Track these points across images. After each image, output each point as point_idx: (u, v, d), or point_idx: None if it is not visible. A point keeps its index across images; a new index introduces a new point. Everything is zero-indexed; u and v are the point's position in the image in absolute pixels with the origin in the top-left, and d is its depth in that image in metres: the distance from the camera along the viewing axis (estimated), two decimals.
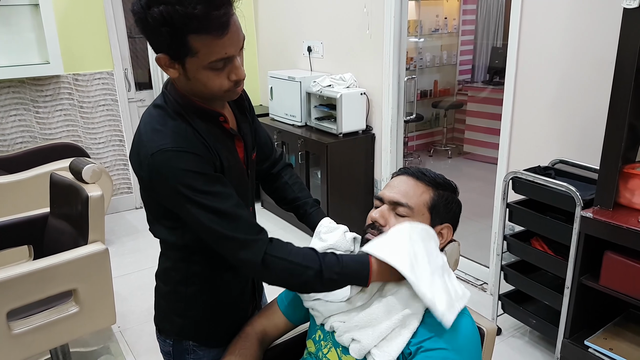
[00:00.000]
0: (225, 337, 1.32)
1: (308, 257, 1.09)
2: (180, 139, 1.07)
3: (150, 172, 1.06)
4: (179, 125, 1.09)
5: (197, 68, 1.03)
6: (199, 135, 1.10)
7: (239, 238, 1.06)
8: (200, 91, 1.09)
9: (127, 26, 4.19)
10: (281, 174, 1.47)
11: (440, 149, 6.26)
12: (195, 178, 1.04)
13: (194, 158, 1.05)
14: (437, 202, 1.19)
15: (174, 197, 1.06)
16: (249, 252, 1.06)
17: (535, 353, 2.48)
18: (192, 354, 1.32)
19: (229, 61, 1.04)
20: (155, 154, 1.04)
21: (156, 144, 1.05)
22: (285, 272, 1.08)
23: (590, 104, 2.34)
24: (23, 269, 1.87)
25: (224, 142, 1.17)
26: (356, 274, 1.10)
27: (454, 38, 6.25)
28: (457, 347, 1.04)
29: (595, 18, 2.25)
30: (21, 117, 3.83)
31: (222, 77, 1.06)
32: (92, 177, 2.19)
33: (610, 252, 1.92)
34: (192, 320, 1.29)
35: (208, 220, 1.05)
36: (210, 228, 1.06)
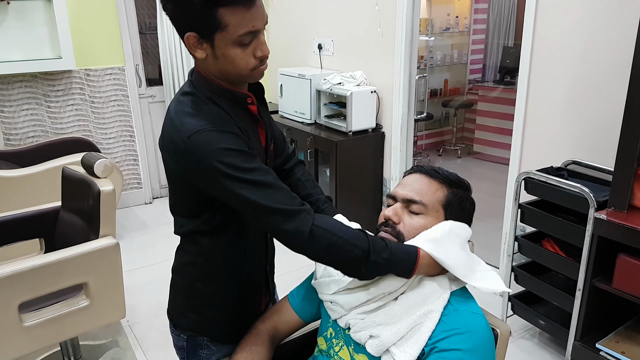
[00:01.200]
0: (239, 332, 1.32)
1: (357, 235, 1.08)
2: (215, 120, 1.08)
3: (187, 155, 1.06)
4: (211, 108, 1.11)
5: (225, 44, 1.05)
6: (231, 117, 1.12)
7: (285, 209, 1.05)
8: (227, 70, 1.11)
9: (138, 22, 4.21)
10: (294, 170, 1.46)
11: (449, 148, 6.23)
12: (235, 155, 1.05)
13: (231, 136, 1.07)
14: (451, 199, 1.18)
15: (214, 177, 1.05)
16: (295, 222, 1.05)
17: (545, 355, 2.47)
18: (205, 348, 1.33)
19: (255, 35, 1.07)
20: (192, 136, 1.05)
21: (192, 126, 1.06)
22: (332, 246, 1.06)
23: (604, 104, 2.32)
24: (34, 262, 1.89)
25: (250, 125, 1.19)
26: (402, 263, 1.08)
27: (465, 37, 6.21)
28: (471, 348, 1.03)
29: (611, 18, 2.23)
30: (33, 112, 3.85)
31: (249, 54, 1.08)
32: (104, 171, 2.20)
33: (623, 254, 1.90)
34: (208, 318, 1.30)
35: (252, 194, 1.05)
36: (254, 202, 1.05)
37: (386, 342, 1.08)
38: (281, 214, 1.05)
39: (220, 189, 1.07)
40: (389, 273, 1.10)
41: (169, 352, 2.53)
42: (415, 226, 1.15)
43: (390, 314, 1.11)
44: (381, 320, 1.11)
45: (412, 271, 1.09)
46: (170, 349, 2.66)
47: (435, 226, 1.14)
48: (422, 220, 1.15)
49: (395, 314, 1.10)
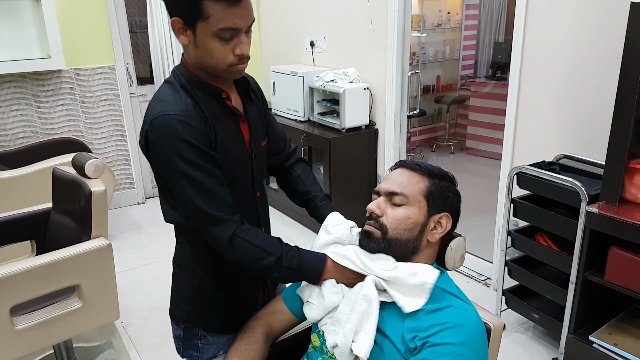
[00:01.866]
0: (235, 325, 1.34)
1: (272, 244, 1.18)
2: (179, 107, 1.13)
3: (148, 138, 1.14)
4: (182, 97, 1.16)
5: (206, 34, 1.10)
6: (199, 109, 1.16)
7: (212, 214, 1.13)
8: (205, 62, 1.15)
9: (128, 20, 4.18)
10: (294, 167, 1.50)
11: (442, 144, 6.24)
12: (186, 148, 1.10)
13: (189, 128, 1.11)
14: (432, 190, 1.20)
15: (166, 162, 1.13)
16: (218, 229, 1.14)
17: (539, 348, 2.48)
18: (202, 339, 1.36)
19: (235, 34, 1.11)
20: (155, 120, 1.12)
21: (157, 111, 1.13)
22: (248, 254, 1.15)
23: (595, 98, 2.33)
24: (26, 264, 1.87)
25: (225, 120, 1.22)
26: (312, 269, 1.20)
27: (457, 33, 6.22)
28: (464, 342, 1.03)
29: (601, 12, 2.24)
30: (23, 112, 3.82)
31: (228, 50, 1.12)
32: (95, 172, 2.18)
33: (615, 247, 1.91)
34: (200, 309, 1.33)
35: (188, 191, 1.12)
36: (189, 199, 1.13)
37: (345, 346, 1.11)
38: (209, 218, 1.14)
39: (170, 176, 1.14)
40: (302, 278, 1.22)
41: (164, 352, 2.53)
42: (397, 217, 1.17)
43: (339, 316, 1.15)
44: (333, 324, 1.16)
45: (320, 275, 1.20)
46: (165, 349, 2.66)
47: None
48: (405, 211, 1.17)
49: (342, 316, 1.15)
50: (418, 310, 1.10)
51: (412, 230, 1.17)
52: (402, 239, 1.17)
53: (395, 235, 1.16)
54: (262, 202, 1.38)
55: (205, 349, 1.36)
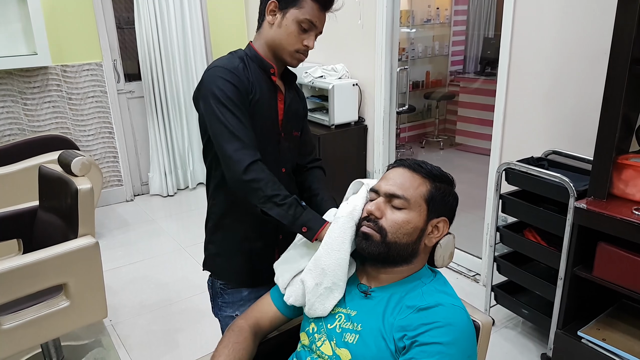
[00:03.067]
0: (247, 279, 1.52)
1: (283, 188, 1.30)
2: (230, 64, 1.35)
3: (201, 80, 1.35)
4: (236, 60, 1.38)
5: (292, 20, 1.35)
6: (248, 71, 1.37)
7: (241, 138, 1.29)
8: (278, 40, 1.38)
9: (115, 16, 4.14)
10: (314, 170, 1.67)
11: (432, 140, 6.25)
12: (228, 89, 1.30)
13: (233, 75, 1.32)
14: (434, 194, 1.18)
15: (206, 94, 1.31)
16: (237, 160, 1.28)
17: (528, 344, 2.49)
18: (220, 297, 1.55)
19: (312, 29, 1.37)
20: (208, 70, 1.35)
21: (214, 64, 1.36)
22: (260, 188, 1.27)
23: (583, 94, 2.34)
24: (12, 263, 1.85)
25: (266, 91, 1.41)
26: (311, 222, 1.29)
27: (446, 28, 6.23)
28: (452, 342, 1.03)
29: (589, 8, 2.24)
30: (9, 109, 3.77)
31: (300, 39, 1.37)
32: (81, 169, 2.16)
33: (603, 243, 1.92)
34: (211, 254, 1.55)
35: (225, 118, 1.29)
36: (224, 124, 1.29)
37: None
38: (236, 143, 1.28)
39: (209, 113, 1.31)
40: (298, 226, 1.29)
41: (153, 350, 2.52)
42: (397, 221, 1.15)
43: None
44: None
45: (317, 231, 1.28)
46: (153, 347, 2.65)
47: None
48: (405, 215, 1.15)
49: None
50: (407, 307, 1.10)
51: (412, 235, 1.15)
52: (402, 242, 1.15)
53: (394, 239, 1.14)
54: (287, 179, 1.52)
55: (224, 308, 1.55)
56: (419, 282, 1.18)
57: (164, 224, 3.97)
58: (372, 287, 1.20)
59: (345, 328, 1.16)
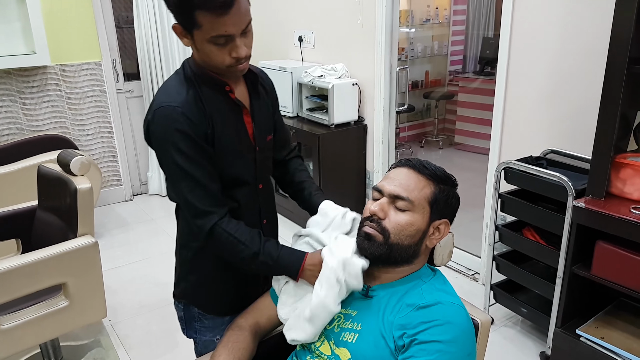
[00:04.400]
0: (231, 307, 1.40)
1: (252, 238, 1.22)
2: (180, 99, 1.19)
3: (149, 127, 1.20)
4: (185, 88, 1.22)
5: (202, 40, 1.15)
6: (200, 101, 1.21)
7: (196, 205, 1.19)
8: (207, 62, 1.20)
9: (114, 15, 4.13)
10: (293, 160, 1.56)
11: (431, 139, 6.26)
12: (181, 139, 1.16)
13: (186, 120, 1.17)
14: (438, 197, 1.17)
15: (162, 151, 1.19)
16: (201, 220, 1.20)
17: (527, 342, 2.50)
18: (198, 321, 1.42)
19: (230, 39, 1.14)
20: (157, 110, 1.18)
21: (159, 101, 1.20)
22: (227, 245, 1.21)
23: (582, 93, 2.34)
24: (11, 263, 1.85)
25: (227, 112, 1.26)
26: (289, 266, 1.24)
27: (445, 28, 6.23)
28: (451, 340, 1.03)
29: (588, 8, 2.25)
30: (7, 109, 3.77)
31: (224, 53, 1.16)
32: (80, 169, 2.16)
33: (602, 241, 1.93)
34: (192, 285, 1.40)
35: (178, 180, 1.19)
36: (178, 189, 1.20)
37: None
38: (194, 209, 1.20)
39: (163, 163, 1.21)
40: (280, 273, 1.28)
41: (152, 350, 2.52)
42: (401, 223, 1.14)
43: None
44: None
45: (297, 273, 1.24)
46: (153, 347, 2.65)
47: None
48: (408, 216, 1.14)
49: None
50: (407, 305, 1.10)
51: (414, 237, 1.15)
52: (404, 244, 1.14)
53: (397, 240, 1.14)
54: (264, 194, 1.42)
55: (202, 332, 1.43)
56: (419, 280, 1.18)
57: (163, 223, 3.96)
58: (372, 286, 1.20)
59: (344, 327, 1.16)
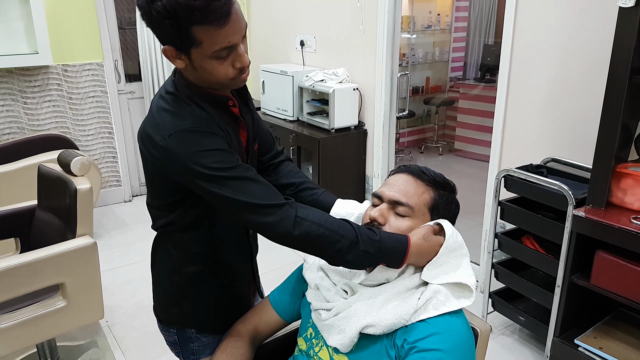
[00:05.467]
0: (227, 324, 1.33)
1: (343, 226, 1.07)
2: (197, 120, 1.09)
3: (166, 154, 1.06)
4: (193, 109, 1.11)
5: (202, 58, 1.05)
6: (212, 119, 1.12)
7: (267, 203, 1.06)
8: (207, 80, 1.11)
9: (117, 17, 4.14)
10: (284, 163, 1.48)
11: (431, 145, 6.26)
12: (217, 155, 1.06)
13: (212, 137, 1.08)
14: (437, 202, 1.17)
15: (190, 178, 1.07)
16: (278, 216, 1.05)
17: (525, 351, 2.49)
18: (196, 341, 1.34)
19: (232, 49, 1.06)
20: (173, 135, 1.05)
21: (173, 125, 1.07)
22: (319, 238, 1.06)
23: (583, 102, 2.34)
24: (9, 262, 1.84)
25: (233, 127, 1.20)
26: (393, 252, 1.08)
27: (447, 35, 6.24)
28: (451, 348, 1.02)
29: (589, 17, 2.25)
30: (9, 108, 3.77)
31: (227, 66, 1.08)
32: (80, 169, 2.15)
33: (601, 251, 1.93)
34: (189, 309, 1.31)
35: (231, 192, 1.05)
36: (236, 200, 1.05)
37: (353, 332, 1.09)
38: (263, 208, 1.06)
39: (199, 189, 1.08)
40: (381, 262, 1.10)
41: (149, 352, 2.51)
42: (401, 228, 1.14)
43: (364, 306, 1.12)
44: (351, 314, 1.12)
45: (403, 258, 1.09)
46: (149, 348, 2.64)
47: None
48: (408, 222, 1.15)
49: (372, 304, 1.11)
50: None
51: None
52: None
53: None
54: None
55: (201, 351, 1.35)
56: None
57: None
58: None
59: None
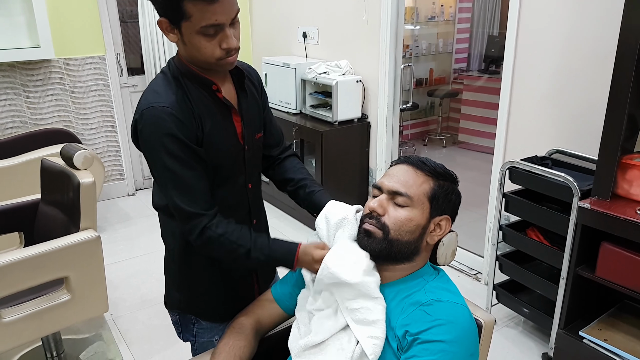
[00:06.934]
0: (227, 313, 1.36)
1: (243, 236, 1.19)
2: (169, 99, 1.15)
3: (136, 127, 1.17)
4: (172, 88, 1.18)
5: (190, 32, 1.11)
6: (188, 101, 1.18)
7: (185, 209, 1.16)
8: (195, 57, 1.17)
9: (119, 10, 4.13)
10: (289, 158, 1.51)
11: (435, 138, 6.24)
12: (171, 140, 1.13)
13: (176, 120, 1.14)
14: (437, 192, 1.17)
15: (152, 153, 1.16)
16: (191, 223, 1.17)
17: (529, 343, 2.49)
18: (196, 323, 1.40)
19: (219, 29, 1.11)
20: (145, 110, 1.14)
21: (148, 102, 1.15)
22: (219, 246, 1.18)
23: (588, 93, 2.32)
24: (13, 256, 1.84)
25: (215, 112, 1.23)
26: (283, 259, 1.21)
27: (450, 26, 6.20)
28: (454, 340, 1.02)
29: (594, 8, 2.23)
30: (11, 102, 3.77)
31: (214, 45, 1.13)
32: (83, 163, 2.15)
33: (606, 243, 1.92)
34: (190, 297, 1.37)
35: (167, 182, 1.16)
36: (167, 191, 1.17)
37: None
38: (183, 212, 1.16)
39: (153, 165, 1.18)
40: (275, 266, 1.27)
41: (153, 345, 2.52)
42: (400, 218, 1.13)
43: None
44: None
45: (292, 264, 1.21)
46: (154, 341, 2.65)
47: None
48: (408, 212, 1.14)
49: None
50: (410, 305, 1.09)
51: (414, 232, 1.14)
52: (404, 240, 1.13)
53: (397, 236, 1.13)
54: (254, 194, 1.38)
55: (200, 333, 1.40)
56: (421, 279, 1.17)
57: None
58: None
59: None
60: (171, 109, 1.13)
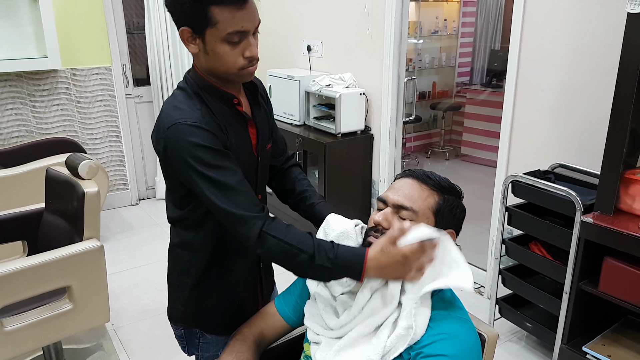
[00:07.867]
0: (232, 325, 1.35)
1: (304, 240, 1.12)
2: (195, 115, 1.14)
3: (166, 145, 1.14)
4: (195, 103, 1.17)
5: (215, 40, 1.11)
6: (212, 114, 1.17)
7: (237, 213, 1.11)
8: (216, 67, 1.16)
9: (126, 21, 4.17)
10: (291, 169, 1.51)
11: (437, 150, 6.25)
12: (204, 151, 1.10)
13: (205, 133, 1.12)
14: (442, 206, 1.17)
15: (184, 168, 1.12)
16: (246, 227, 1.12)
17: (532, 358, 2.47)
18: (201, 337, 1.38)
19: (244, 36, 1.12)
20: (171, 127, 1.12)
21: (172, 118, 1.13)
22: (279, 252, 1.12)
23: (591, 108, 2.33)
24: (17, 265, 1.85)
25: (236, 125, 1.23)
26: (350, 266, 1.10)
27: (453, 40, 6.24)
28: (458, 354, 1.02)
29: (597, 22, 2.24)
30: (18, 111, 3.79)
31: (237, 53, 1.13)
32: (88, 173, 2.16)
33: (610, 258, 1.91)
34: (194, 311, 1.34)
35: (211, 193, 1.11)
36: (213, 202, 1.12)
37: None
38: (234, 217, 1.12)
39: (190, 181, 1.14)
40: (341, 276, 1.13)
41: (154, 355, 2.51)
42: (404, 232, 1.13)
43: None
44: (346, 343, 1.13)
45: (360, 272, 1.09)
46: (155, 352, 2.64)
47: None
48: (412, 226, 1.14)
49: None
50: None
51: None
52: None
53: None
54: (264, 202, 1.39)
55: (205, 348, 1.38)
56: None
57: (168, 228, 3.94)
58: None
59: None
60: (199, 123, 1.12)
